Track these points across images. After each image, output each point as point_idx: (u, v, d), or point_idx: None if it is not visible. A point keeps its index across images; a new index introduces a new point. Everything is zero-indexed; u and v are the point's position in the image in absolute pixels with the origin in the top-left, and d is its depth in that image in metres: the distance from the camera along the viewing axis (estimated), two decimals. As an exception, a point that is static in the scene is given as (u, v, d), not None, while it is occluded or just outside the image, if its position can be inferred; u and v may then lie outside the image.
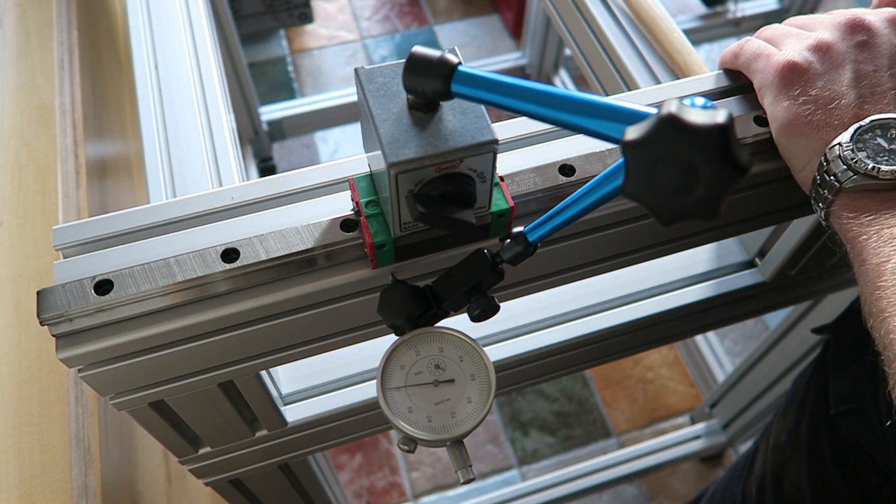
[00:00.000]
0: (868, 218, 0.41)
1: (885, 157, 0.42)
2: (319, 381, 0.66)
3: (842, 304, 0.78)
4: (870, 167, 0.41)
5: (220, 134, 0.66)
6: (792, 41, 0.47)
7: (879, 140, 0.42)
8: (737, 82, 0.52)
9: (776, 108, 0.46)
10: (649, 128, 0.30)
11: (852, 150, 0.42)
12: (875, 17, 0.46)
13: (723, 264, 0.74)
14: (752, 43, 0.50)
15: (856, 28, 0.45)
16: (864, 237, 0.40)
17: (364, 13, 2.17)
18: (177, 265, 0.42)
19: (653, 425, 1.49)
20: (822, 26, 0.47)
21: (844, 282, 0.81)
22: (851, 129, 0.43)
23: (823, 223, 0.45)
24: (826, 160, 0.43)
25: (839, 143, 0.42)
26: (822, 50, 0.46)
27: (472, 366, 0.43)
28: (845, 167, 0.42)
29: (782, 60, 0.46)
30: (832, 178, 0.42)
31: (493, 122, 0.39)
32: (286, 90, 1.98)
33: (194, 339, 0.45)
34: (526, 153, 0.48)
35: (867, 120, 0.43)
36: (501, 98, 0.36)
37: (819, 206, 0.44)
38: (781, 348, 1.05)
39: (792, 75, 0.45)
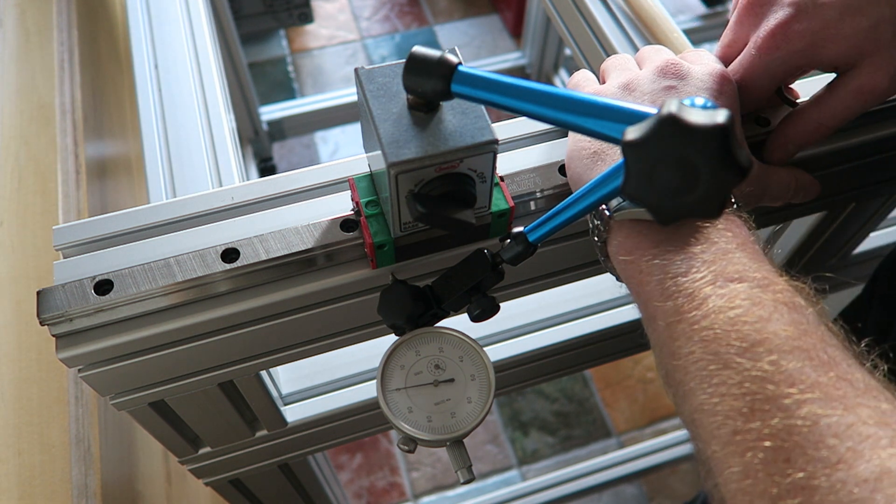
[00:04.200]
0: (645, 260, 0.37)
1: None
2: (319, 381, 0.66)
3: (841, 305, 0.78)
4: None
5: (220, 134, 0.66)
6: (615, 75, 0.45)
7: None
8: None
9: (570, 137, 0.45)
10: (649, 128, 0.30)
11: None
12: (696, 67, 0.43)
13: (723, 264, 0.73)
14: (579, 73, 0.49)
15: (668, 73, 0.43)
16: (647, 287, 0.36)
17: (364, 13, 2.17)
18: (177, 265, 0.42)
19: (653, 425, 1.49)
20: (648, 66, 0.45)
21: (844, 282, 0.81)
22: None
23: (602, 261, 0.42)
24: None
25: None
26: (628, 87, 0.43)
27: (472, 366, 0.43)
28: (616, 196, 0.38)
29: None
30: (604, 207, 0.39)
31: (493, 122, 0.39)
32: (286, 90, 1.98)
33: (194, 339, 0.45)
34: (526, 153, 0.48)
35: None
36: (501, 98, 0.36)
37: (595, 241, 0.41)
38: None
39: None
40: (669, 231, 0.37)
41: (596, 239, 0.41)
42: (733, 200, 0.38)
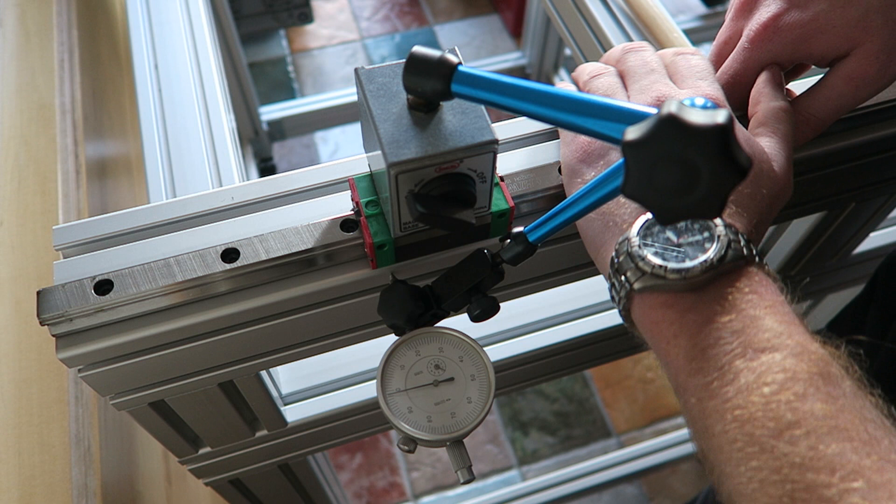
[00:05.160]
0: (671, 332, 0.36)
1: (675, 254, 0.36)
2: (319, 381, 0.66)
3: (841, 304, 0.79)
4: (656, 266, 0.36)
5: (220, 134, 0.66)
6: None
7: (669, 233, 0.37)
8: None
9: (570, 187, 0.43)
10: (649, 128, 0.30)
11: (639, 245, 0.37)
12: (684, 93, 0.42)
13: (723, 264, 0.73)
14: (562, 88, 0.46)
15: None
16: (674, 360, 0.36)
17: (364, 13, 2.17)
18: (177, 265, 0.42)
19: (653, 425, 1.49)
20: (637, 94, 0.43)
21: (844, 282, 0.81)
22: (640, 223, 0.38)
23: (627, 327, 0.40)
24: (617, 257, 0.38)
25: (628, 239, 0.38)
26: None
27: (472, 366, 0.43)
28: (633, 266, 0.37)
29: (582, 141, 0.43)
30: (624, 278, 0.38)
31: (493, 122, 0.39)
32: (286, 90, 1.98)
33: (194, 339, 0.45)
34: (526, 153, 0.48)
35: None
36: (501, 98, 0.36)
37: (619, 310, 0.40)
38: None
39: (588, 157, 0.42)
40: (694, 299, 0.36)
41: (619, 307, 0.39)
42: (755, 254, 0.37)
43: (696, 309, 0.35)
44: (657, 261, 0.36)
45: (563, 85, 0.47)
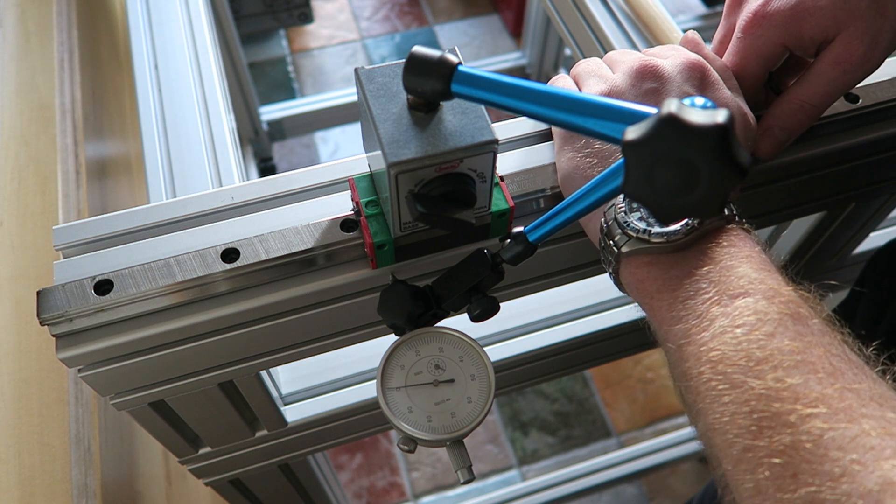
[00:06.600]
0: (656, 288, 0.38)
1: None
2: (319, 381, 0.66)
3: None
4: (641, 230, 0.38)
5: (220, 134, 0.66)
6: (591, 84, 0.44)
7: None
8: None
9: (560, 157, 0.45)
10: (649, 128, 0.30)
11: (625, 211, 0.39)
12: (669, 62, 0.43)
13: (723, 264, 0.73)
14: (557, 83, 0.47)
15: (646, 75, 0.42)
16: (658, 313, 0.37)
17: (364, 13, 2.17)
18: (177, 265, 0.42)
19: (653, 425, 1.49)
20: (620, 69, 0.44)
21: (844, 282, 0.81)
22: None
23: (618, 287, 0.42)
24: (605, 222, 0.40)
25: (614, 205, 0.39)
26: (609, 97, 0.41)
27: (472, 366, 0.43)
28: (620, 231, 0.39)
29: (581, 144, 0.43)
30: (612, 242, 0.39)
31: (493, 122, 0.39)
32: (286, 90, 1.98)
33: (194, 339, 0.45)
34: (526, 153, 0.48)
35: None
36: (501, 98, 0.36)
37: (609, 272, 0.42)
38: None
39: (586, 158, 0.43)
40: (677, 257, 0.37)
41: (610, 270, 0.41)
42: (735, 212, 0.39)
43: (679, 265, 0.37)
44: (642, 225, 0.38)
45: (560, 79, 0.48)
